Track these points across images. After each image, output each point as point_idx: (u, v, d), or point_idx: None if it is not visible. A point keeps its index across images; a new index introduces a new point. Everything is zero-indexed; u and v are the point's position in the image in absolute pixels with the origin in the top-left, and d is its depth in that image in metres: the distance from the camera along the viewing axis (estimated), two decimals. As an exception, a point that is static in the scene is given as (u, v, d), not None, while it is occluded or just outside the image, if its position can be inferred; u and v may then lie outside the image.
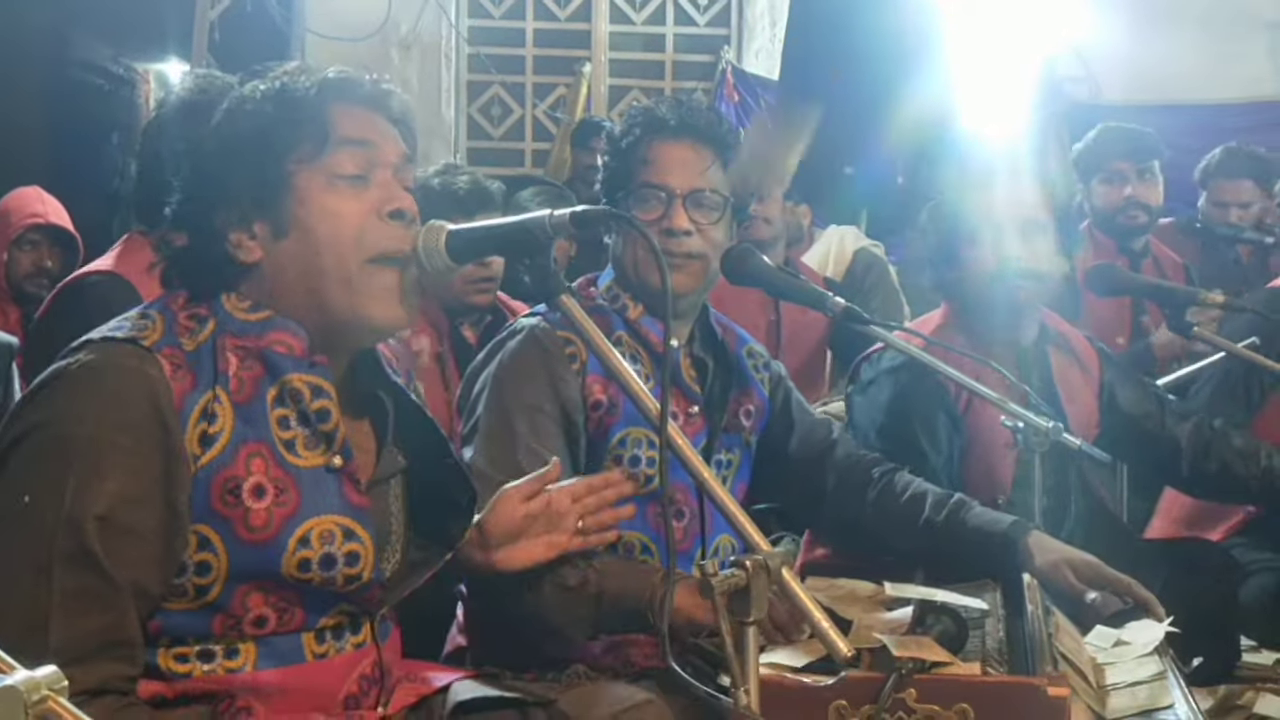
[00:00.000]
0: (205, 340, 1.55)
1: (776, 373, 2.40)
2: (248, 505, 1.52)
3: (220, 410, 1.52)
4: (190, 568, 1.51)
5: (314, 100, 1.59)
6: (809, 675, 1.73)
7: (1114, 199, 4.00)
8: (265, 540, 1.53)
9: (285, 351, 1.58)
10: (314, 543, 1.55)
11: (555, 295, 1.61)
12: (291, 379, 1.57)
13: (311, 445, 1.58)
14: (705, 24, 7.47)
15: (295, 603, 1.57)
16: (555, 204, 1.71)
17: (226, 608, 1.53)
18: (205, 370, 1.53)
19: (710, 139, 2.19)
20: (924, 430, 2.51)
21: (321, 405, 1.59)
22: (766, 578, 1.37)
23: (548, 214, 1.58)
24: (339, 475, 1.59)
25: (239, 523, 1.51)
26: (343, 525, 1.58)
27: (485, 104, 7.44)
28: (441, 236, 1.63)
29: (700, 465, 1.54)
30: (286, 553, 1.53)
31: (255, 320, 1.58)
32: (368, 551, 1.60)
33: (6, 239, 4.11)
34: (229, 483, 1.51)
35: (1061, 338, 2.72)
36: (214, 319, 1.57)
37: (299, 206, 1.57)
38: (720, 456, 2.24)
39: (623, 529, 2.12)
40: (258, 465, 1.53)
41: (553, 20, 7.41)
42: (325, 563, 1.56)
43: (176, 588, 1.51)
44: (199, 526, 1.50)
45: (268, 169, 1.57)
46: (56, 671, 1.04)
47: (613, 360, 1.59)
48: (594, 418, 2.12)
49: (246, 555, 1.52)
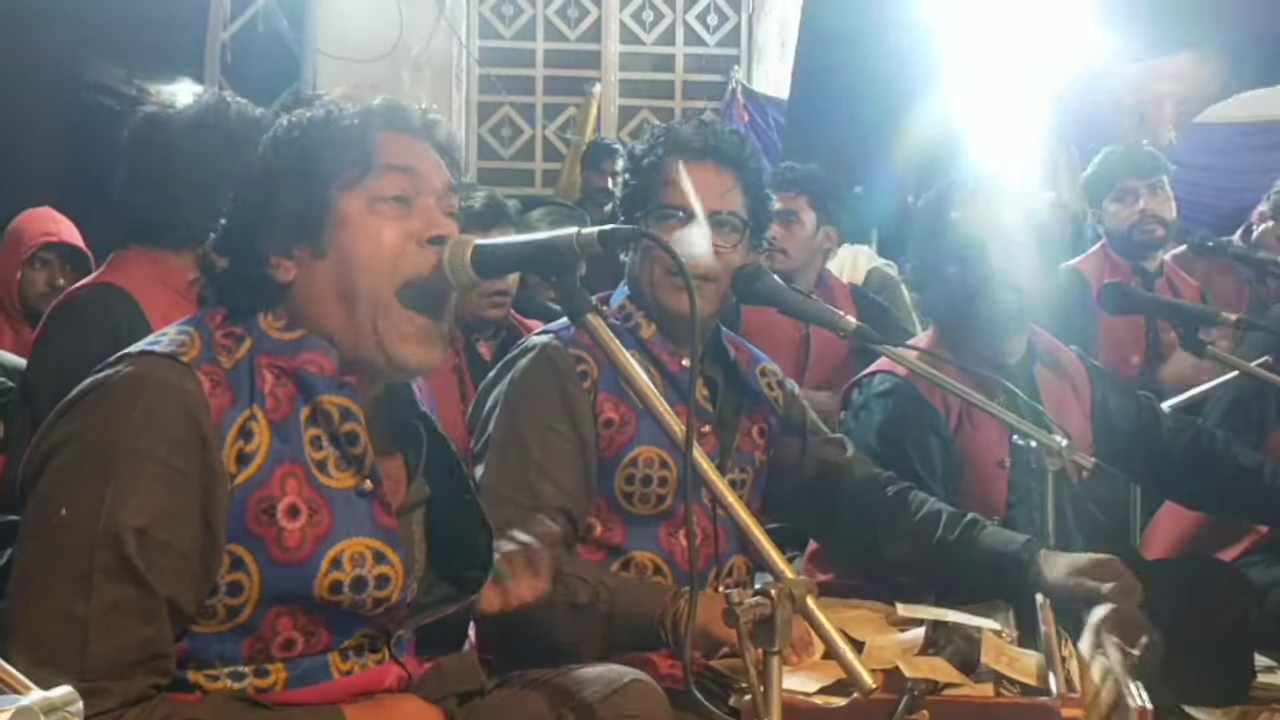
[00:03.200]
0: (242, 358, 1.56)
1: (791, 391, 2.39)
2: (282, 525, 1.52)
3: (257, 429, 1.52)
4: (222, 588, 1.50)
5: (360, 127, 1.60)
6: (821, 697, 1.72)
7: (1127, 215, 4.01)
8: (298, 561, 1.52)
9: (317, 371, 1.58)
10: (346, 564, 1.55)
11: (582, 313, 1.60)
12: (323, 400, 1.58)
13: (343, 467, 1.58)
14: (715, 44, 7.50)
15: (321, 625, 1.57)
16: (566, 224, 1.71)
17: (256, 630, 1.53)
18: (243, 388, 1.53)
19: (733, 162, 2.19)
20: (917, 453, 2.50)
21: (350, 428, 1.59)
22: (791, 606, 1.36)
23: (575, 232, 1.58)
24: (369, 499, 1.59)
25: (272, 543, 1.51)
26: (374, 548, 1.58)
27: (495, 125, 7.47)
28: (468, 251, 1.62)
29: (725, 489, 1.53)
30: (319, 574, 1.53)
31: (289, 340, 1.59)
32: (398, 575, 1.60)
33: (20, 258, 4.12)
34: (264, 502, 1.51)
35: (1050, 356, 2.71)
36: (250, 338, 1.57)
37: (340, 229, 1.58)
38: (733, 476, 2.24)
39: (635, 549, 2.12)
40: (292, 486, 1.53)
41: (563, 41, 7.45)
42: (356, 585, 1.56)
43: (208, 609, 1.51)
44: (233, 546, 1.50)
45: (312, 196, 1.58)
46: (71, 692, 1.05)
47: (637, 380, 1.58)
48: (605, 436, 2.11)
49: (279, 576, 1.52)
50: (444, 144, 1.68)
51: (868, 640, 1.94)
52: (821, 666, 1.81)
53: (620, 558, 2.13)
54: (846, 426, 2.66)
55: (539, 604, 1.87)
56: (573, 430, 2.09)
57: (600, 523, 2.12)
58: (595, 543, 2.13)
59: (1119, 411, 2.72)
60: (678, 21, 7.48)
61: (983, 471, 2.51)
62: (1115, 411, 2.71)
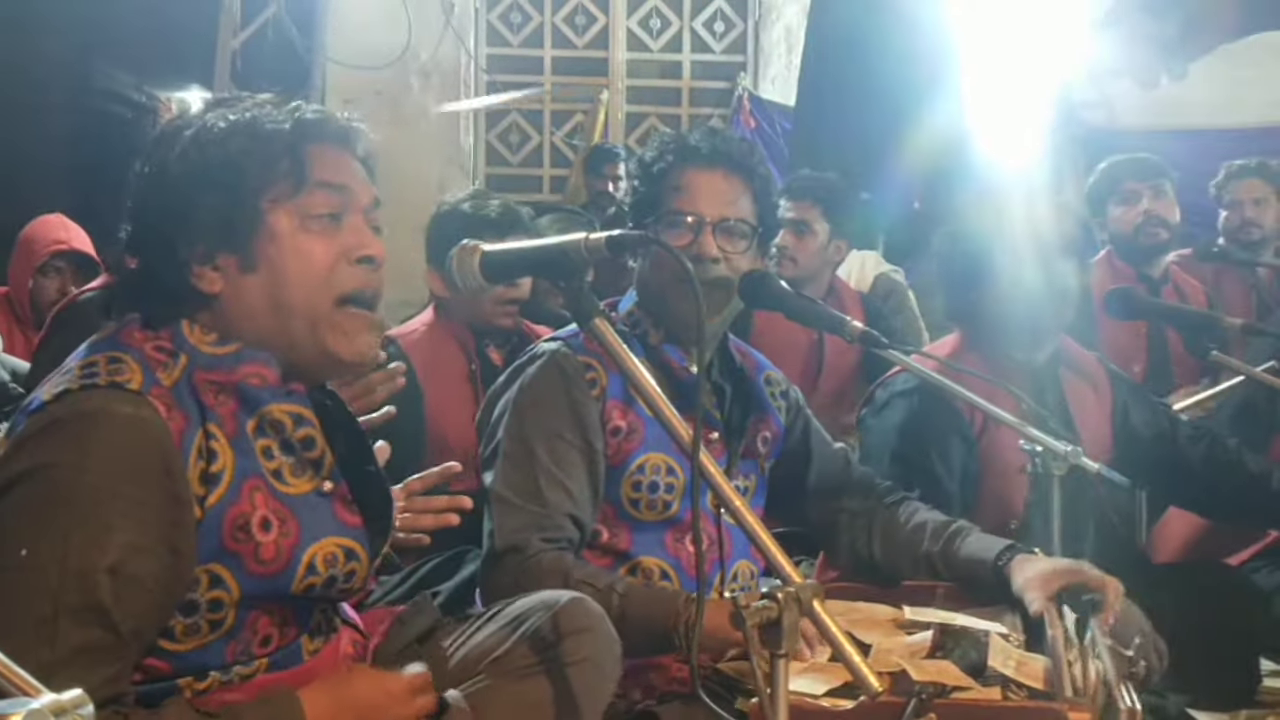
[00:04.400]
0: (180, 377, 1.52)
1: (795, 400, 2.40)
2: (258, 540, 1.52)
3: (218, 447, 1.51)
4: (203, 605, 1.51)
5: (290, 138, 1.57)
6: (829, 699, 1.73)
7: (1131, 218, 4.02)
8: (275, 572, 1.54)
9: (259, 384, 1.57)
10: (320, 567, 1.57)
11: (590, 318, 1.61)
12: (270, 410, 1.57)
13: (299, 472, 1.58)
14: (721, 51, 7.51)
15: (291, 619, 1.61)
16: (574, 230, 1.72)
17: (238, 634, 1.55)
18: (191, 407, 1.51)
19: (742, 169, 2.20)
20: (937, 453, 2.51)
21: (305, 434, 1.59)
22: (798, 610, 1.36)
23: (584, 237, 1.59)
24: (330, 499, 1.60)
25: (250, 558, 1.52)
26: (344, 546, 1.60)
27: (503, 131, 7.49)
28: (476, 257, 1.63)
29: (733, 494, 1.53)
30: (296, 579, 1.56)
31: (224, 354, 1.56)
32: (363, 568, 1.63)
33: (31, 266, 4.15)
34: (239, 519, 1.51)
35: (1073, 360, 2.72)
36: (183, 353, 1.54)
37: (269, 243, 1.56)
38: (738, 482, 2.25)
39: (641, 555, 2.13)
40: (260, 499, 1.53)
41: (570, 48, 7.47)
42: (328, 583, 1.59)
43: (190, 627, 1.51)
44: (210, 566, 1.50)
45: (240, 203, 1.55)
46: (81, 694, 1.06)
47: (646, 386, 1.59)
48: (613, 444, 2.12)
49: (258, 583, 1.54)
50: (365, 157, 1.66)
51: (875, 643, 1.94)
52: (829, 669, 1.81)
53: (627, 563, 2.14)
54: (866, 423, 2.67)
55: None
56: (581, 438, 2.10)
57: (607, 529, 2.13)
58: (602, 548, 2.14)
59: (1138, 418, 2.73)
60: (684, 28, 7.49)
61: (1004, 475, 2.51)
62: (1135, 418, 2.72)
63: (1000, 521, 2.46)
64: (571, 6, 7.43)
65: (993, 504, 2.48)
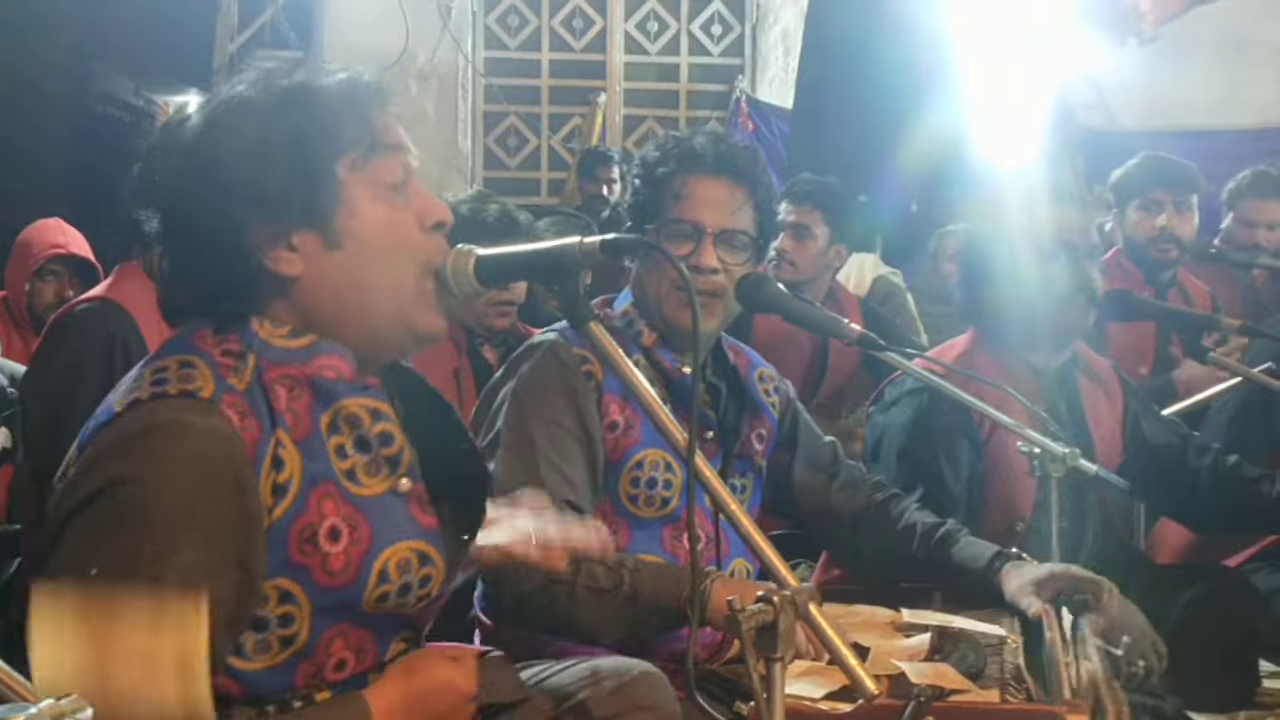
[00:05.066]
0: (251, 379, 1.44)
1: (786, 394, 2.40)
2: (325, 551, 1.44)
3: (286, 455, 1.42)
4: (273, 622, 1.44)
5: (350, 98, 1.48)
6: (827, 703, 1.73)
7: (1147, 228, 3.94)
8: (346, 584, 1.46)
9: (334, 377, 1.49)
10: (392, 574, 1.48)
11: (584, 322, 1.61)
12: (347, 404, 1.49)
13: (373, 471, 1.49)
14: (719, 54, 7.51)
15: (369, 640, 1.52)
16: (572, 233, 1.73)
17: (312, 654, 1.47)
18: (262, 411, 1.42)
19: (746, 178, 2.18)
20: (944, 454, 2.51)
21: (383, 429, 1.51)
22: (794, 613, 1.35)
23: (578, 241, 1.59)
24: (406, 499, 1.52)
25: (318, 570, 1.44)
26: (418, 550, 1.51)
27: (501, 134, 7.49)
28: (471, 261, 1.63)
29: (728, 497, 1.54)
30: (368, 589, 1.47)
31: (298, 347, 1.47)
32: (439, 573, 1.54)
33: (29, 270, 4.15)
34: (306, 530, 1.43)
35: (1089, 366, 2.73)
36: (252, 352, 1.45)
37: (351, 217, 1.46)
38: (734, 481, 2.25)
39: (639, 552, 2.13)
40: (329, 507, 1.45)
41: (568, 51, 7.47)
42: (402, 591, 1.50)
43: (261, 643, 1.44)
44: (278, 581, 1.43)
45: (316, 174, 1.44)
46: (79, 699, 1.05)
47: (640, 388, 1.59)
48: (610, 439, 2.13)
49: (329, 599, 1.46)
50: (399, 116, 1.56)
51: (873, 646, 1.94)
52: (828, 671, 1.81)
53: None
54: (874, 421, 2.67)
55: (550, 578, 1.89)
56: (579, 426, 2.10)
57: (605, 525, 2.14)
58: None
59: (1149, 428, 2.73)
60: (682, 31, 7.50)
61: (1011, 477, 2.51)
62: (1146, 428, 2.73)
63: (1007, 524, 2.46)
64: (569, 9, 7.43)
65: (999, 506, 2.48)
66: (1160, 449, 2.72)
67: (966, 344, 2.70)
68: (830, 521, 2.37)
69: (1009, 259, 2.61)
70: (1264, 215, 4.36)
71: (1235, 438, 2.97)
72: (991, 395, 2.36)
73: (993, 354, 2.61)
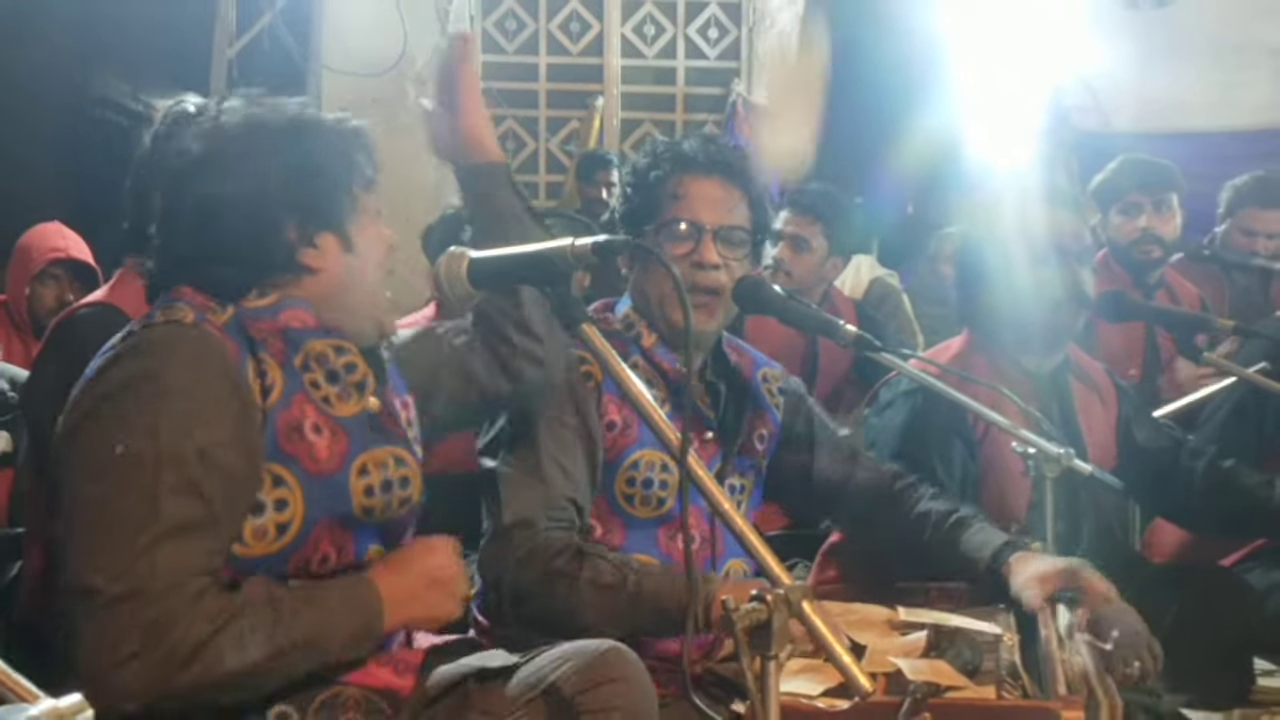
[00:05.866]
0: (229, 320, 1.68)
1: (795, 392, 2.41)
2: (310, 440, 1.66)
3: (269, 367, 1.66)
4: (269, 506, 1.64)
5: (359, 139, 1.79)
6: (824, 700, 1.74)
7: (1129, 230, 3.95)
8: (331, 471, 1.67)
9: (300, 326, 1.72)
10: (372, 470, 1.71)
11: (576, 324, 1.62)
12: (313, 345, 1.72)
13: (345, 397, 1.73)
14: (716, 57, 7.52)
15: (349, 541, 1.72)
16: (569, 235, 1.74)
17: (302, 547, 1.67)
18: (241, 339, 1.67)
19: (738, 176, 2.22)
20: (939, 455, 2.52)
21: (348, 360, 1.75)
22: (788, 611, 1.37)
23: (569, 243, 1.60)
24: (377, 415, 1.75)
25: (305, 457, 1.66)
26: (393, 454, 1.75)
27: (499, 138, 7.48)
28: (464, 264, 1.65)
29: (722, 497, 1.55)
30: (352, 479, 1.69)
31: (266, 305, 1.72)
32: (415, 475, 1.78)
33: (29, 274, 4.16)
34: (291, 421, 1.66)
35: (1082, 370, 2.74)
36: (231, 306, 1.70)
37: (361, 229, 1.77)
38: (733, 481, 2.26)
39: (634, 552, 2.15)
40: (310, 411, 1.68)
41: (565, 55, 7.48)
42: (385, 487, 1.72)
43: (259, 529, 1.64)
44: (272, 466, 1.64)
45: (343, 189, 1.75)
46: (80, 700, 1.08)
47: (633, 389, 1.61)
48: (609, 437, 2.14)
49: (318, 488, 1.66)
50: None
51: (869, 644, 1.95)
52: (825, 669, 1.82)
53: None
54: (869, 422, 2.68)
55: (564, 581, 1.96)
56: (581, 424, 2.12)
57: (600, 525, 2.15)
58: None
59: (1142, 432, 2.74)
60: (679, 35, 7.50)
61: (1006, 479, 2.52)
62: (1139, 431, 2.74)
63: (1001, 525, 2.46)
64: (566, 13, 7.44)
65: (994, 507, 2.49)
66: (1153, 453, 2.73)
67: (961, 345, 2.71)
68: (855, 516, 2.38)
69: (1003, 261, 2.63)
70: (1264, 225, 4.29)
71: (1229, 438, 2.98)
72: (986, 396, 2.37)
73: (987, 356, 2.63)
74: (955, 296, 2.82)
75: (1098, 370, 2.79)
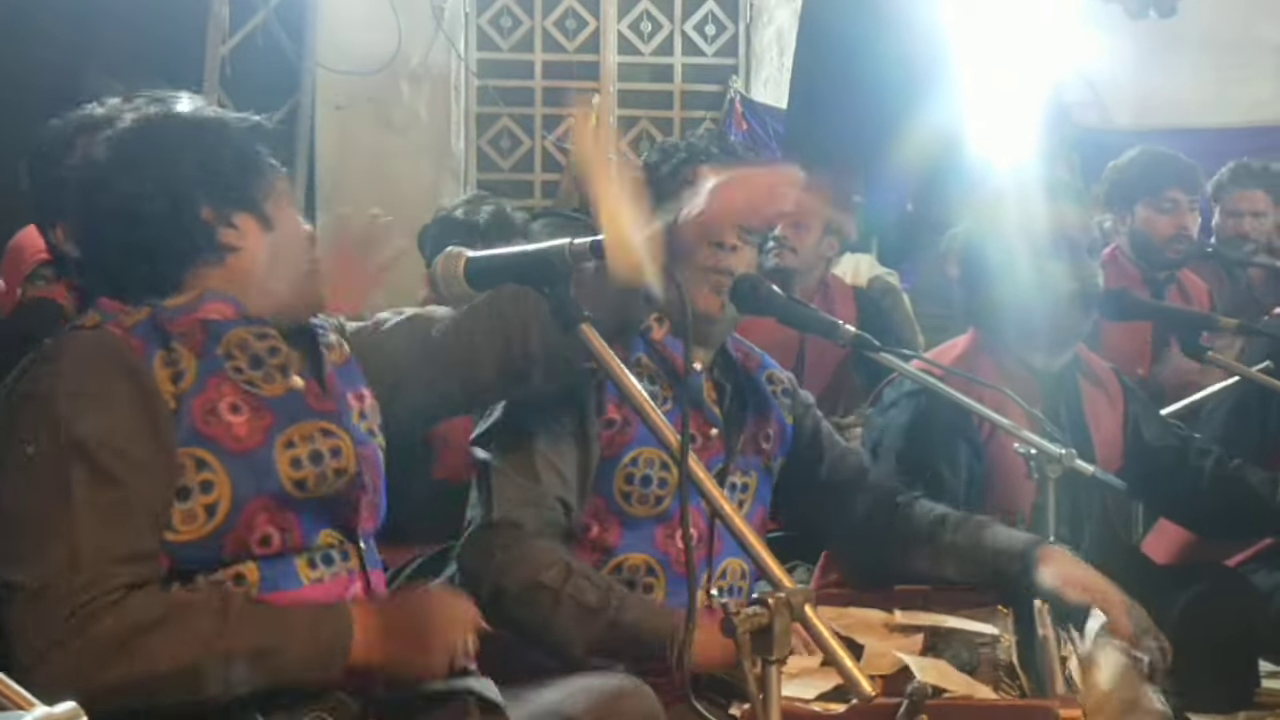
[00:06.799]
0: (142, 319, 1.70)
1: (804, 401, 2.41)
2: (228, 420, 1.67)
3: (181, 357, 1.68)
4: (195, 490, 1.65)
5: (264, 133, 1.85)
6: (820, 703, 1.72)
7: (1164, 228, 3.91)
8: (254, 448, 1.67)
9: (220, 317, 1.74)
10: (299, 443, 1.71)
11: (574, 324, 1.61)
12: (233, 334, 1.74)
13: (270, 380, 1.74)
14: (713, 54, 7.50)
15: (294, 523, 1.70)
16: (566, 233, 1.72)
17: (234, 527, 1.66)
18: (152, 335, 1.69)
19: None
20: (943, 456, 2.51)
21: (270, 344, 1.76)
22: (789, 615, 1.36)
23: (568, 242, 1.59)
24: (302, 393, 1.76)
25: (224, 437, 1.66)
26: (320, 427, 1.74)
27: (494, 136, 7.47)
28: (460, 264, 1.63)
29: (721, 498, 1.53)
30: (277, 453, 1.69)
31: (186, 301, 1.74)
32: (347, 445, 1.76)
33: (20, 275, 4.12)
34: (206, 404, 1.67)
35: (1090, 369, 2.72)
36: (146, 305, 1.72)
37: (278, 209, 1.81)
38: (735, 480, 2.26)
39: (630, 550, 2.13)
40: (228, 390, 1.69)
41: (561, 52, 7.45)
42: (314, 458, 1.71)
43: (188, 514, 1.64)
44: (190, 450, 1.65)
45: (264, 172, 1.80)
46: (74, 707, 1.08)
47: (632, 391, 1.59)
48: (606, 435, 2.14)
49: (242, 467, 1.66)
50: None
51: (867, 646, 1.94)
52: (822, 673, 1.81)
53: (614, 558, 2.14)
54: (872, 422, 2.67)
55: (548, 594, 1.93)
56: (577, 425, 2.12)
57: (597, 523, 2.15)
58: (590, 543, 2.15)
59: (1150, 432, 2.73)
60: (676, 32, 7.48)
61: (1010, 479, 2.51)
62: (1146, 431, 2.72)
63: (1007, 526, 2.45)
64: (562, 10, 7.42)
65: (998, 508, 2.48)
66: (1161, 452, 2.71)
67: (966, 345, 2.69)
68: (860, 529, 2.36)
69: (1008, 258, 2.61)
70: (1248, 204, 4.41)
71: (1231, 435, 2.97)
72: (990, 397, 2.35)
73: (993, 355, 2.61)
74: (960, 295, 2.80)
75: (1105, 370, 2.77)
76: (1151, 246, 3.92)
